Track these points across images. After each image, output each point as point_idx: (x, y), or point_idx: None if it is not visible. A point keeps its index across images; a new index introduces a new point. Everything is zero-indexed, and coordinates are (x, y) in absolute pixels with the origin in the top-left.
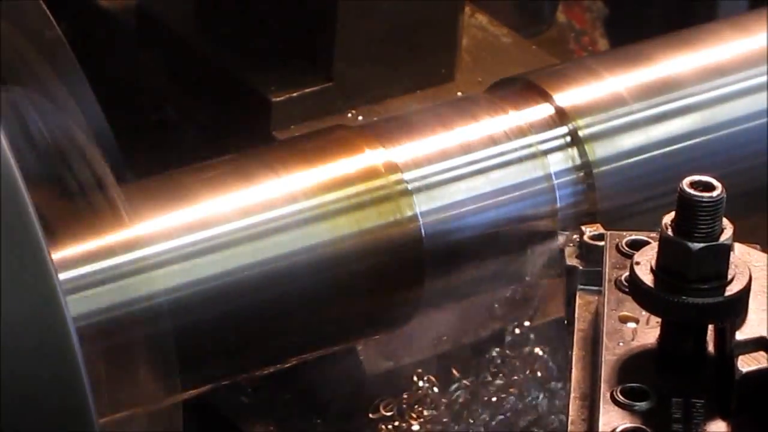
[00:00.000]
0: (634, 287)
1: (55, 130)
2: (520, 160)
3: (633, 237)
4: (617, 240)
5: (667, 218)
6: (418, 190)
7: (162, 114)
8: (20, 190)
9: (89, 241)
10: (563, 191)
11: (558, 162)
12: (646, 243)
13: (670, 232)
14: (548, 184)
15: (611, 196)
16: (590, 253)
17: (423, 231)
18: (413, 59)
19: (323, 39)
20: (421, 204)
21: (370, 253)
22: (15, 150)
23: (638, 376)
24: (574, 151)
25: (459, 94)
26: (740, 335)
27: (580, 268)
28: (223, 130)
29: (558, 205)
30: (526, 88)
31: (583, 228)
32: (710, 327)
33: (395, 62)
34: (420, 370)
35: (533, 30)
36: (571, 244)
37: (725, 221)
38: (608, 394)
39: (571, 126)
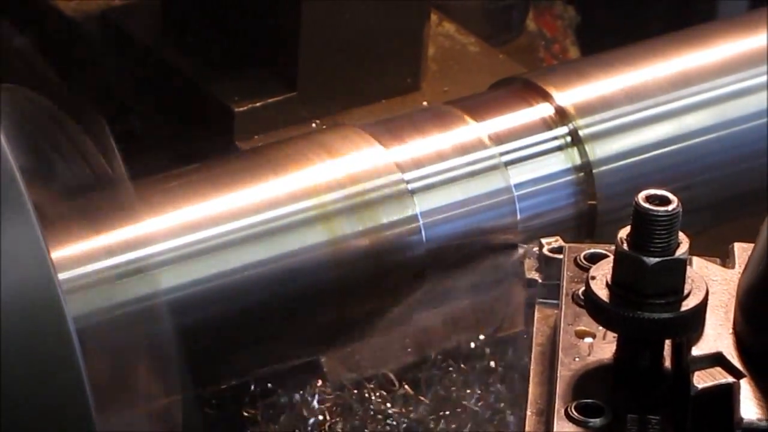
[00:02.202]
0: (589, 302)
1: (55, 130)
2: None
3: (591, 250)
4: (576, 253)
5: (623, 232)
6: (419, 190)
7: (126, 123)
8: (20, 189)
9: (89, 241)
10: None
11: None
12: (605, 256)
13: (625, 246)
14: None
15: (611, 196)
16: (549, 266)
17: (423, 231)
18: (378, 68)
19: (286, 48)
20: (421, 204)
21: (369, 253)
22: (14, 149)
23: (594, 391)
24: (573, 151)
25: (425, 103)
26: (696, 350)
27: (540, 281)
28: (186, 140)
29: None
30: (525, 87)
31: (542, 240)
32: (668, 342)
33: (360, 71)
34: (372, 386)
35: (503, 38)
36: (531, 257)
37: (681, 235)
38: (563, 410)
39: (571, 126)
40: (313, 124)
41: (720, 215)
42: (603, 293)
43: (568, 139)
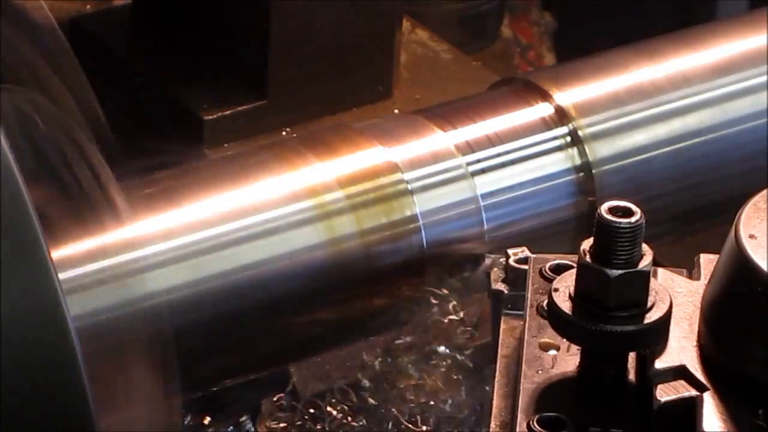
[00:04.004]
0: (552, 314)
1: (55, 130)
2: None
3: (557, 261)
4: (541, 264)
5: (586, 244)
6: (419, 190)
7: None
8: (20, 190)
9: (89, 241)
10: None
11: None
12: (570, 268)
13: (588, 258)
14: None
15: (611, 196)
16: (516, 277)
17: (423, 231)
18: (349, 76)
19: (256, 56)
20: (421, 204)
21: (370, 253)
22: (15, 150)
23: (557, 405)
24: (573, 151)
25: (396, 111)
26: (660, 363)
27: (506, 292)
28: (155, 148)
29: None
30: (525, 87)
31: (508, 251)
32: (632, 354)
33: (330, 79)
34: (334, 400)
35: (477, 45)
36: (497, 267)
37: (645, 247)
38: (525, 424)
39: (571, 126)
40: (284, 133)
41: (719, 216)
42: (566, 305)
43: (568, 139)
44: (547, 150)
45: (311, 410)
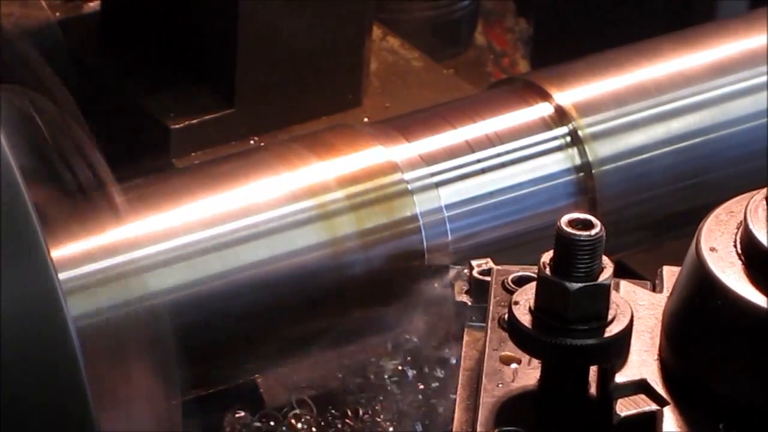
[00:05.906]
0: (512, 327)
1: (55, 130)
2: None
3: (519, 273)
4: (504, 276)
5: (546, 257)
6: (418, 190)
7: None
8: (20, 190)
9: (89, 241)
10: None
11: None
12: (533, 280)
13: (548, 271)
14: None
15: (611, 196)
16: (479, 289)
17: (423, 231)
18: (317, 84)
19: (223, 64)
20: (421, 204)
21: (370, 253)
22: (15, 150)
23: (517, 418)
24: (573, 151)
25: (366, 120)
26: (620, 377)
27: (469, 304)
28: (122, 157)
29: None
30: (525, 87)
31: (472, 262)
32: (594, 368)
33: (299, 88)
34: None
35: (450, 52)
36: (461, 279)
37: (605, 260)
38: None
39: (571, 126)
40: (252, 141)
41: None
42: (526, 319)
43: (568, 139)
44: (547, 150)
45: (272, 423)
